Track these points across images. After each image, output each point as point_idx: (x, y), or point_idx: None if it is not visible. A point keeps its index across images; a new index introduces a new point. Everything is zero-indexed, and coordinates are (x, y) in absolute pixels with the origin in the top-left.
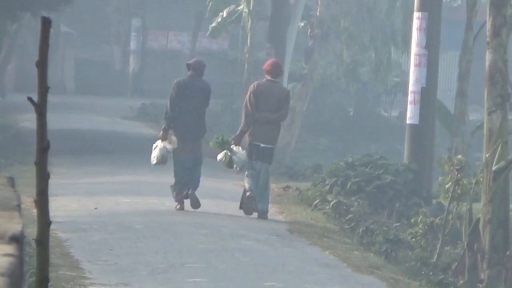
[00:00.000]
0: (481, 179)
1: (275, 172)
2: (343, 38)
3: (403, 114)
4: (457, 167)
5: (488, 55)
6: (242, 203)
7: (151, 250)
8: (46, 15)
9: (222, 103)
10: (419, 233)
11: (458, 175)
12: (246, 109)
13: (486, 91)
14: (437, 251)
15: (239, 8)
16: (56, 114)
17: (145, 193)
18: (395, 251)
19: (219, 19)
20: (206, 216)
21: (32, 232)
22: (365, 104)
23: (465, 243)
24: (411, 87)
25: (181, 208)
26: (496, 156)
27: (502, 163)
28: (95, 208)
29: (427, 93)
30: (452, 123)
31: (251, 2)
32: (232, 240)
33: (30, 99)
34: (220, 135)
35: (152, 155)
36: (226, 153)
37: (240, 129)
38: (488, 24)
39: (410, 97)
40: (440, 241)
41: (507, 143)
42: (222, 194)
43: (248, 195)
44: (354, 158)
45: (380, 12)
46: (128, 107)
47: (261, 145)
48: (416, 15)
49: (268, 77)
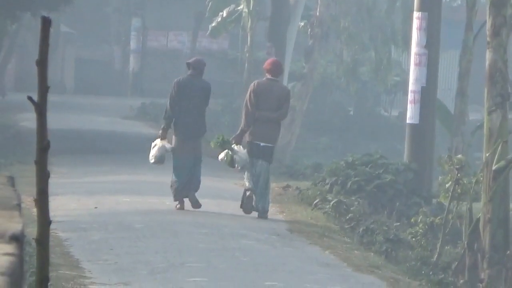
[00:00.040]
0: (481, 179)
1: (275, 171)
2: (343, 38)
3: (403, 114)
4: (457, 166)
5: (488, 55)
6: (243, 202)
7: (151, 249)
8: (46, 15)
9: (222, 103)
10: (419, 232)
11: (458, 175)
12: (246, 108)
13: (486, 90)
14: (437, 250)
15: (239, 8)
16: (56, 113)
17: (145, 193)
18: (395, 250)
19: (219, 19)
20: (206, 215)
21: (32, 232)
22: (365, 103)
23: (465, 242)
24: (411, 86)
25: (181, 208)
26: (496, 156)
27: (502, 163)
28: (95, 208)
29: (427, 93)
30: (452, 123)
31: (251, 2)
32: (232, 239)
33: (30, 98)
34: (220, 135)
35: (151, 153)
36: (227, 153)
37: (240, 128)
38: (488, 24)
39: (410, 96)
40: (440, 241)
41: (507, 143)
42: (223, 193)
43: (248, 194)
44: (354, 158)
45: (380, 11)
46: (128, 107)
47: (261, 144)
48: (416, 14)
49: (269, 76)
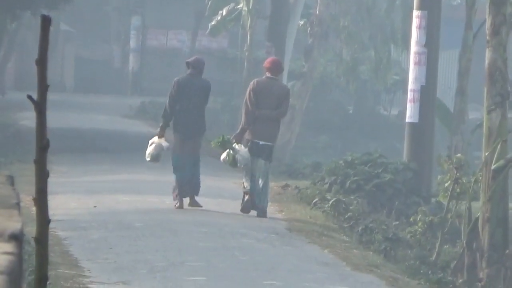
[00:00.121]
0: (480, 178)
1: (274, 171)
2: (343, 37)
3: (402, 113)
4: (456, 165)
5: (487, 54)
6: (242, 206)
7: (151, 248)
8: (46, 14)
9: (221, 101)
10: (418, 231)
11: (457, 174)
12: (246, 106)
13: (485, 89)
14: (436, 249)
15: (238, 6)
16: (55, 112)
17: (145, 192)
18: (394, 249)
19: (219, 18)
20: (206, 214)
21: (31, 231)
22: (364, 102)
23: (464, 241)
24: (411, 85)
25: (180, 207)
26: (496, 155)
27: (501, 162)
28: (95, 207)
29: (426, 92)
30: (451, 122)
31: (251, 0)
32: (232, 238)
33: (29, 97)
34: (220, 135)
35: (147, 151)
36: (229, 153)
37: (240, 127)
38: (488, 23)
39: (409, 95)
40: (439, 240)
41: (506, 142)
42: (222, 192)
43: (246, 199)
44: (354, 157)
45: (380, 10)
46: (128, 106)
47: (260, 143)
48: (415, 13)
49: (268, 74)
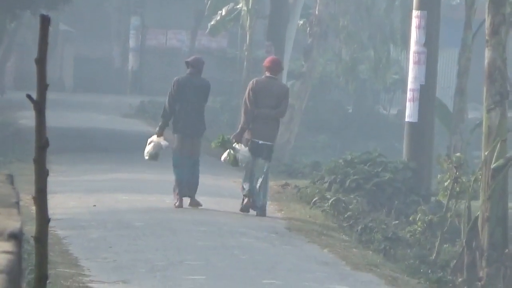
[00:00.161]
0: (480, 177)
1: (274, 170)
2: (342, 36)
3: (402, 112)
4: (455, 164)
5: (487, 53)
6: (241, 207)
7: (150, 247)
8: (45, 13)
9: (221, 101)
10: (417, 230)
11: (457, 173)
12: (245, 106)
13: (485, 89)
14: (436, 249)
15: (238, 6)
16: (55, 111)
17: (145, 191)
18: (394, 248)
19: (218, 17)
20: (205, 213)
21: (31, 230)
22: (364, 102)
23: (464, 241)
24: (410, 84)
25: (180, 206)
26: (495, 154)
27: (501, 161)
28: (94, 206)
29: (426, 91)
30: (451, 121)
31: (250, 0)
32: (231, 237)
33: (29, 96)
34: (220, 135)
35: (146, 150)
36: (229, 152)
37: (240, 126)
38: (487, 22)
39: (409, 94)
40: (438, 239)
41: (506, 141)
42: (222, 191)
43: (245, 202)
44: (353, 156)
45: (379, 10)
46: (127, 105)
47: (260, 142)
48: (415, 13)
49: (268, 73)
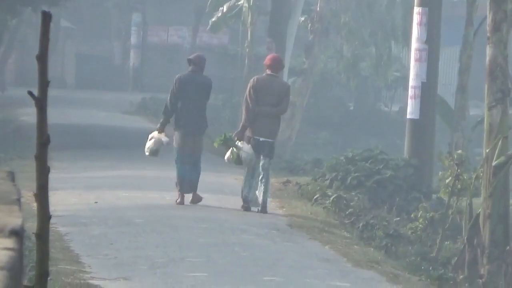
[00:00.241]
0: (481, 174)
1: (275, 167)
2: (343, 33)
3: (403, 109)
4: (457, 162)
5: (488, 50)
6: (243, 206)
7: (151, 244)
8: (46, 10)
9: (222, 98)
10: (419, 228)
11: (458, 170)
12: (246, 103)
13: (486, 86)
14: (437, 246)
15: (239, 2)
16: (56, 108)
17: (145, 188)
18: (395, 246)
19: (220, 14)
20: (206, 210)
21: (32, 226)
22: (365, 99)
23: (465, 238)
24: (412, 82)
25: (181, 202)
26: (496, 151)
27: (502, 158)
28: (95, 202)
29: (427, 88)
30: (452, 118)
31: None
32: (232, 234)
33: (30, 93)
34: (222, 133)
35: (146, 145)
36: (232, 151)
37: (241, 124)
38: (489, 19)
39: (410, 92)
40: (440, 236)
41: (507, 138)
42: (223, 188)
43: (245, 205)
44: (354, 153)
45: (380, 7)
46: (128, 102)
47: (261, 139)
48: (416, 10)
49: (269, 71)
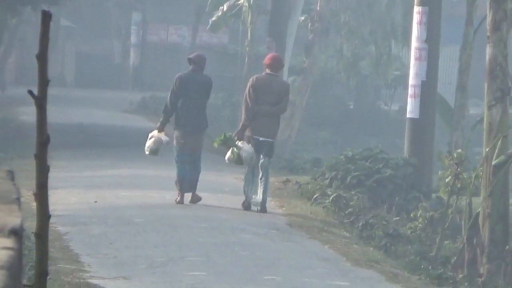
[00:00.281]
0: (481, 173)
1: (274, 166)
2: (343, 32)
3: (403, 108)
4: (457, 161)
5: (488, 49)
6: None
7: (150, 243)
8: (46, 9)
9: (222, 97)
10: (418, 227)
11: (458, 169)
12: (246, 103)
13: (486, 85)
14: (437, 245)
15: (239, 2)
16: (56, 107)
17: (145, 187)
18: (395, 245)
19: (219, 13)
20: (206, 209)
21: (31, 226)
22: (365, 98)
23: (465, 237)
24: (411, 81)
25: (181, 202)
26: (496, 150)
27: (502, 157)
28: (95, 202)
29: (427, 87)
30: (452, 117)
31: None
32: (232, 234)
33: (30, 92)
34: (222, 133)
35: (146, 144)
36: (233, 151)
37: (241, 123)
38: (489, 18)
39: (410, 91)
40: (439, 235)
41: (507, 137)
42: (223, 187)
43: (245, 206)
44: (354, 152)
45: (380, 6)
46: (128, 101)
47: (261, 139)
48: (416, 9)
49: (268, 71)
